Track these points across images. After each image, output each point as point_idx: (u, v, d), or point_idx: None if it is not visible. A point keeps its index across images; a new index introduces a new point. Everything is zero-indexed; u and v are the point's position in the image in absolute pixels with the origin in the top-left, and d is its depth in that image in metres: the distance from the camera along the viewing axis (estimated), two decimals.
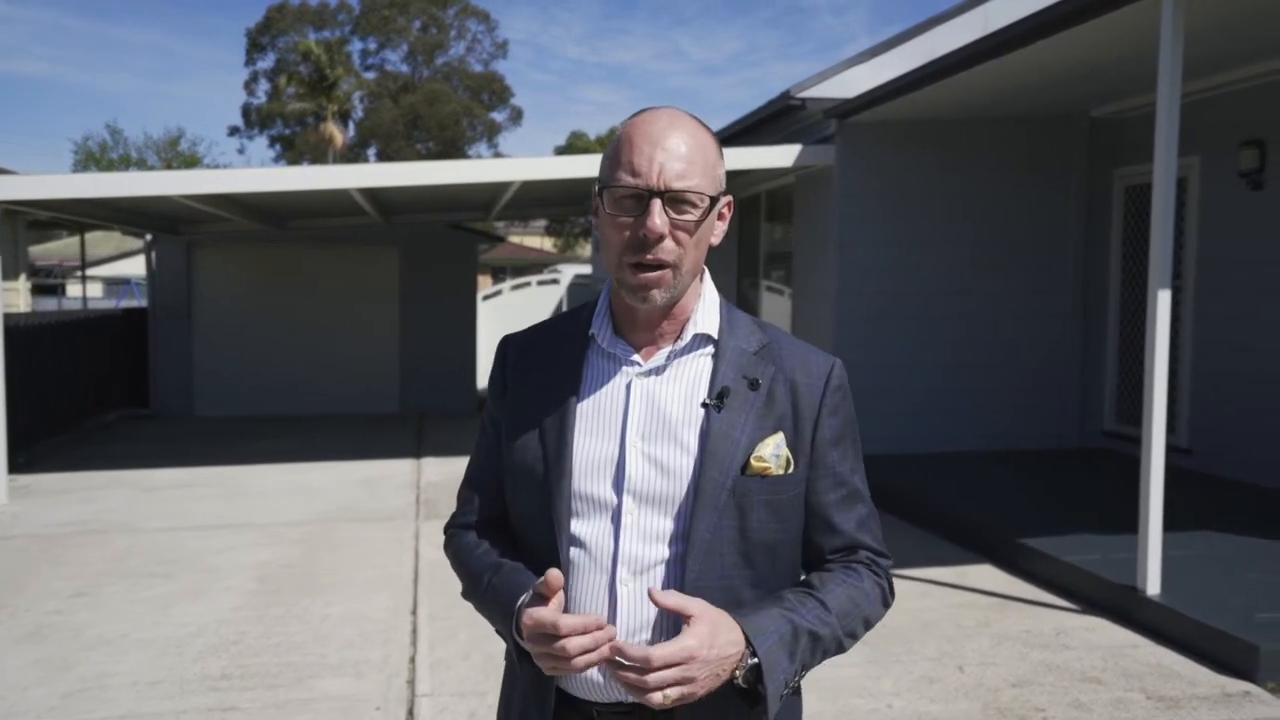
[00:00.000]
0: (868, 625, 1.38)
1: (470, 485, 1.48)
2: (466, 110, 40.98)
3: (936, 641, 4.37)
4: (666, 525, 1.30)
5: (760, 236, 10.15)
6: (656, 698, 1.18)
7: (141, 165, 39.19)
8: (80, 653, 4.28)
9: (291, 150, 40.81)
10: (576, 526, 1.31)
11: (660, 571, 1.30)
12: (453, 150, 39.36)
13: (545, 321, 1.49)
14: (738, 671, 1.23)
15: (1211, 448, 7.10)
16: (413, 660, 4.22)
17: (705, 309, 1.37)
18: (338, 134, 38.67)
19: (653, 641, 1.28)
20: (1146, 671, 4.03)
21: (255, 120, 42.59)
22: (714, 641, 1.20)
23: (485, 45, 43.93)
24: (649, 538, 1.30)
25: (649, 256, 1.26)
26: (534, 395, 1.38)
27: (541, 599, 1.24)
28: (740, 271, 10.61)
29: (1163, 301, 4.51)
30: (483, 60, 43.26)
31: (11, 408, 8.24)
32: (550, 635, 1.20)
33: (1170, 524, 4.93)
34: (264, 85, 42.20)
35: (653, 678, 1.17)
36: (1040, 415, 8.40)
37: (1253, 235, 6.79)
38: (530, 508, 1.35)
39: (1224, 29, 5.61)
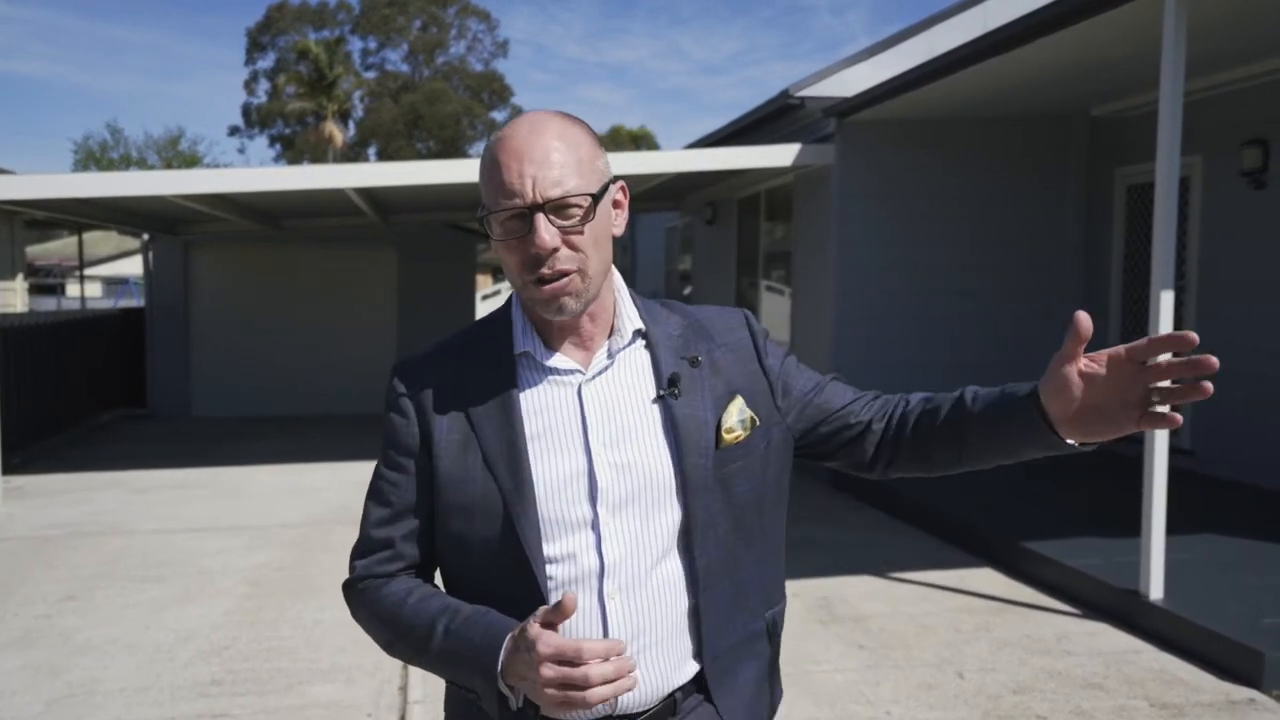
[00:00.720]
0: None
1: (382, 533, 1.32)
2: (466, 110, 40.94)
3: (936, 647, 4.31)
4: (652, 525, 1.26)
5: (760, 236, 10.09)
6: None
7: (142, 165, 39.16)
8: (69, 658, 4.23)
9: (292, 150, 40.78)
10: (550, 550, 1.24)
11: (655, 572, 1.26)
12: (453, 150, 39.32)
13: (442, 343, 1.37)
14: None
15: (1214, 449, 7.04)
16: (405, 666, 4.17)
17: (625, 303, 1.34)
18: (338, 133, 38.62)
19: (644, 637, 1.26)
20: (1149, 678, 3.97)
21: (255, 120, 42.59)
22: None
23: (486, 44, 43.92)
24: (634, 543, 1.25)
25: (546, 270, 1.21)
26: (464, 423, 1.29)
27: (551, 627, 1.14)
28: (740, 271, 10.55)
29: (1166, 302, 4.45)
30: (483, 59, 43.25)
31: (7, 408, 8.20)
32: (569, 663, 1.11)
33: (1173, 527, 4.88)
34: (264, 85, 42.21)
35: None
36: None
37: (1255, 235, 6.73)
38: (488, 545, 1.25)
39: (1226, 27, 5.55)
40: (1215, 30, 5.49)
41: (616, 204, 1.30)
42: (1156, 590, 4.47)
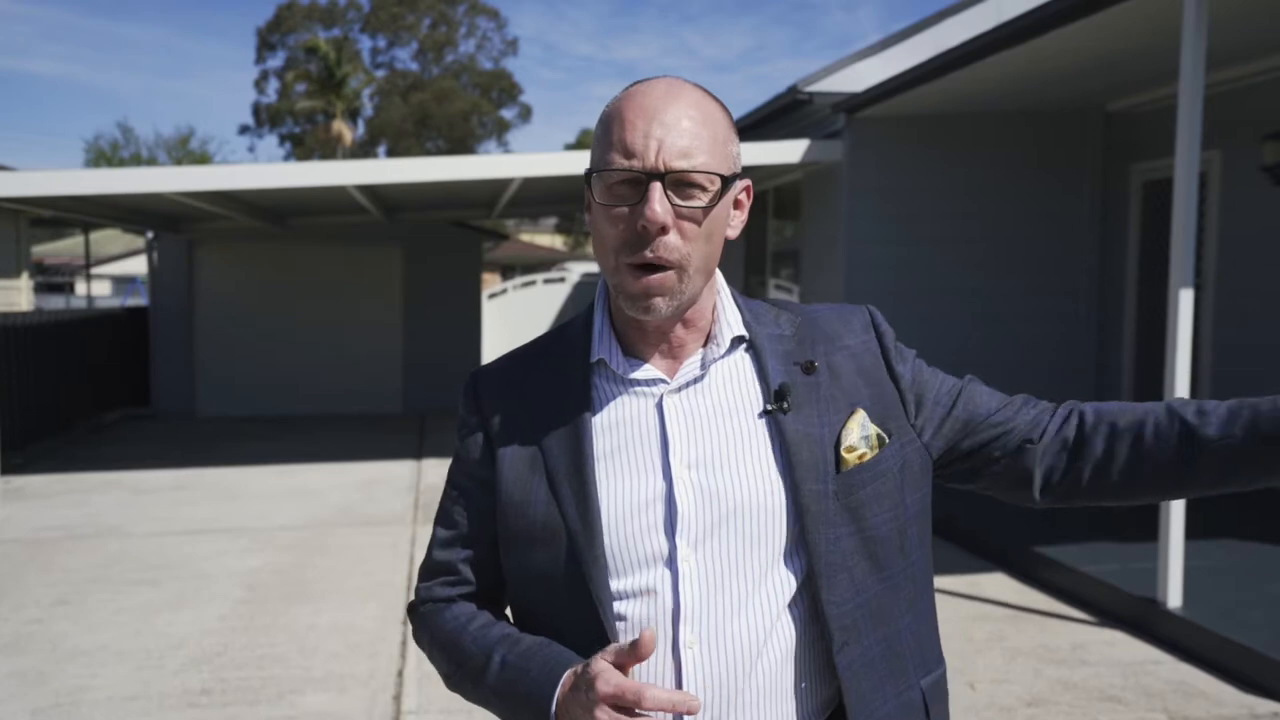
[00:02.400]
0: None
1: (445, 555, 1.20)
2: (475, 108, 40.91)
3: (948, 657, 4.16)
4: (753, 564, 1.07)
5: (768, 234, 9.96)
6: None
7: (152, 164, 39.27)
8: (57, 665, 4.14)
9: (301, 148, 40.80)
10: (618, 587, 1.07)
11: (751, 621, 1.06)
12: (462, 148, 39.28)
13: (520, 350, 1.24)
14: None
15: None
16: (400, 674, 4.06)
17: (727, 307, 1.17)
18: (347, 132, 38.61)
19: (745, 703, 1.06)
20: (1169, 690, 3.83)
21: (265, 119, 42.63)
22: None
23: (495, 43, 43.85)
24: (720, 584, 1.06)
25: (649, 254, 1.04)
26: (533, 438, 1.14)
27: (621, 668, 1.00)
28: (747, 269, 10.42)
29: (1185, 301, 4.31)
30: (492, 58, 43.18)
31: (9, 408, 8.14)
32: (627, 710, 0.97)
33: (1192, 532, 4.73)
34: (274, 83, 42.23)
35: None
36: None
37: (1276, 232, 6.56)
38: (550, 577, 1.10)
39: (1247, 18, 5.39)
40: (1236, 21, 5.33)
41: (738, 203, 1.14)
42: (1175, 598, 4.33)
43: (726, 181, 1.08)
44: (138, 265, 26.41)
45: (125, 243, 27.25)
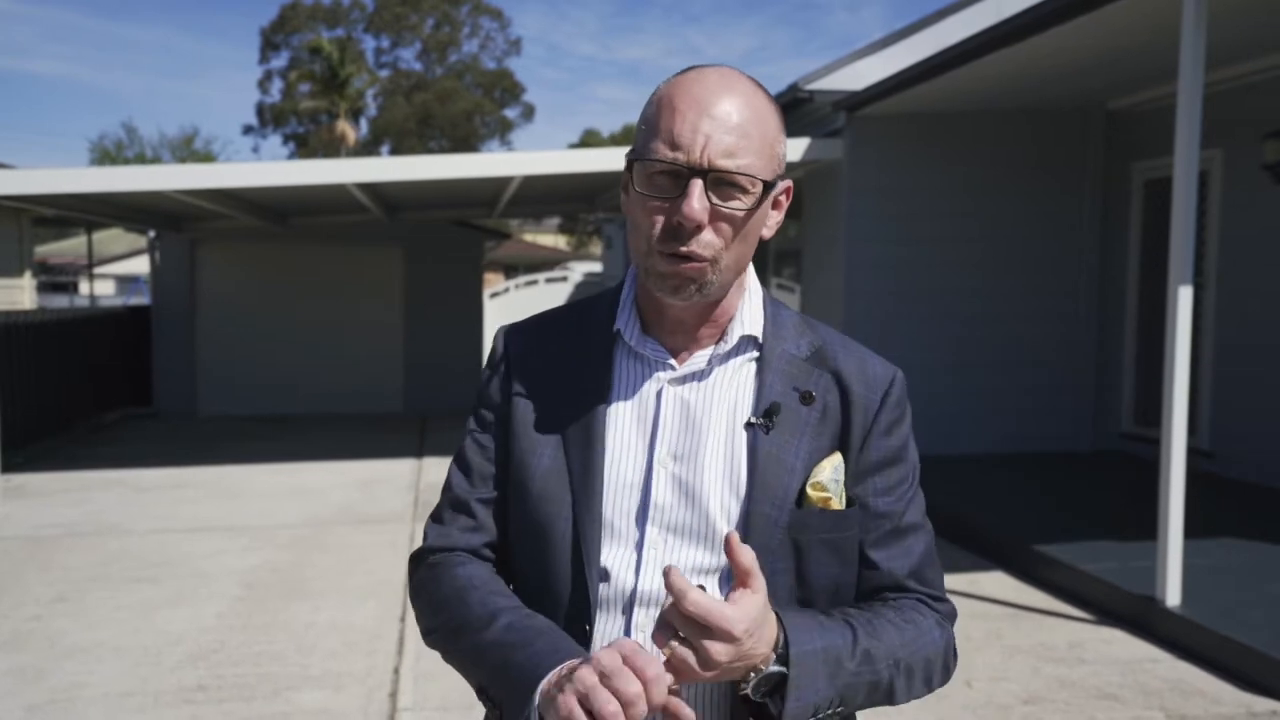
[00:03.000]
0: (928, 676, 1.11)
1: (460, 494, 1.18)
2: (478, 108, 40.93)
3: None
4: (701, 564, 1.08)
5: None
6: (660, 639, 0.94)
7: (156, 164, 39.34)
8: (55, 662, 4.14)
9: (305, 148, 40.84)
10: (606, 555, 1.09)
11: None
12: (465, 148, 39.28)
13: (552, 311, 1.25)
14: (752, 674, 0.98)
15: (1234, 451, 6.86)
16: (397, 671, 4.06)
17: (750, 308, 1.15)
18: (350, 132, 38.65)
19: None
20: (1166, 688, 3.82)
21: (269, 118, 42.69)
22: (757, 622, 0.95)
23: (498, 43, 43.90)
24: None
25: (682, 249, 1.03)
26: (550, 397, 1.15)
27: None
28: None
29: (1184, 298, 4.30)
30: (495, 58, 43.21)
31: (10, 407, 8.15)
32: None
33: (1191, 531, 4.72)
34: (278, 83, 42.29)
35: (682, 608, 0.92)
36: (1054, 418, 8.17)
37: (1277, 231, 6.54)
38: (543, 533, 1.11)
39: (1247, 15, 5.38)
40: (1236, 19, 5.32)
41: (777, 204, 1.13)
42: (1174, 596, 4.32)
43: (769, 185, 1.06)
44: (141, 265, 26.46)
45: (129, 242, 27.29)
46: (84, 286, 26.35)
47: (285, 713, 3.67)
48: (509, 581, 1.17)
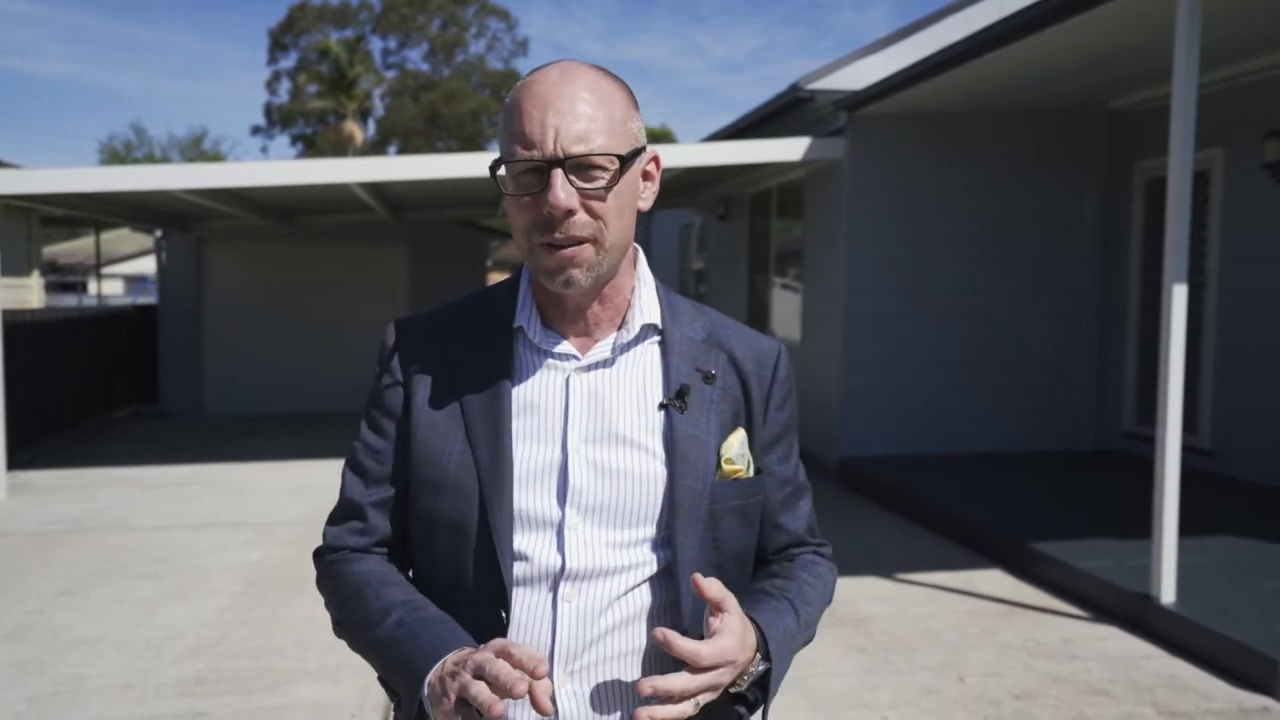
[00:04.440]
0: (820, 615, 1.29)
1: (356, 499, 1.23)
2: (484, 108, 41.01)
3: (939, 650, 4.19)
4: (626, 539, 1.14)
5: (771, 233, 9.97)
6: (688, 708, 1.03)
7: (163, 164, 39.50)
8: (56, 654, 4.19)
9: (313, 149, 40.98)
10: (520, 543, 1.14)
11: (620, 590, 1.14)
12: (472, 148, 39.36)
13: (445, 306, 1.28)
14: (744, 676, 1.10)
15: (1233, 450, 6.85)
16: None
17: (646, 296, 1.20)
18: (358, 132, 38.77)
19: (592, 661, 1.13)
20: (1158, 684, 3.83)
21: (277, 119, 42.83)
22: (745, 641, 1.08)
23: (505, 43, 43.96)
24: (598, 553, 1.14)
25: (559, 235, 1.08)
26: (452, 393, 1.18)
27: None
28: (751, 268, 10.43)
29: (1179, 296, 4.31)
30: (502, 58, 43.27)
31: (18, 405, 8.22)
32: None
33: (1188, 529, 4.73)
34: (286, 84, 42.43)
35: (695, 681, 1.03)
36: (1055, 417, 8.17)
37: (1278, 230, 6.54)
38: (456, 527, 1.15)
39: (1245, 14, 5.38)
40: (1234, 18, 5.32)
41: (647, 175, 1.18)
42: (1168, 594, 4.33)
43: (626, 159, 1.11)
44: (148, 265, 26.60)
45: (137, 242, 27.42)
46: (92, 286, 26.50)
47: (283, 705, 3.71)
48: (410, 570, 1.23)
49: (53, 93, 68.98)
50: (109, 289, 25.65)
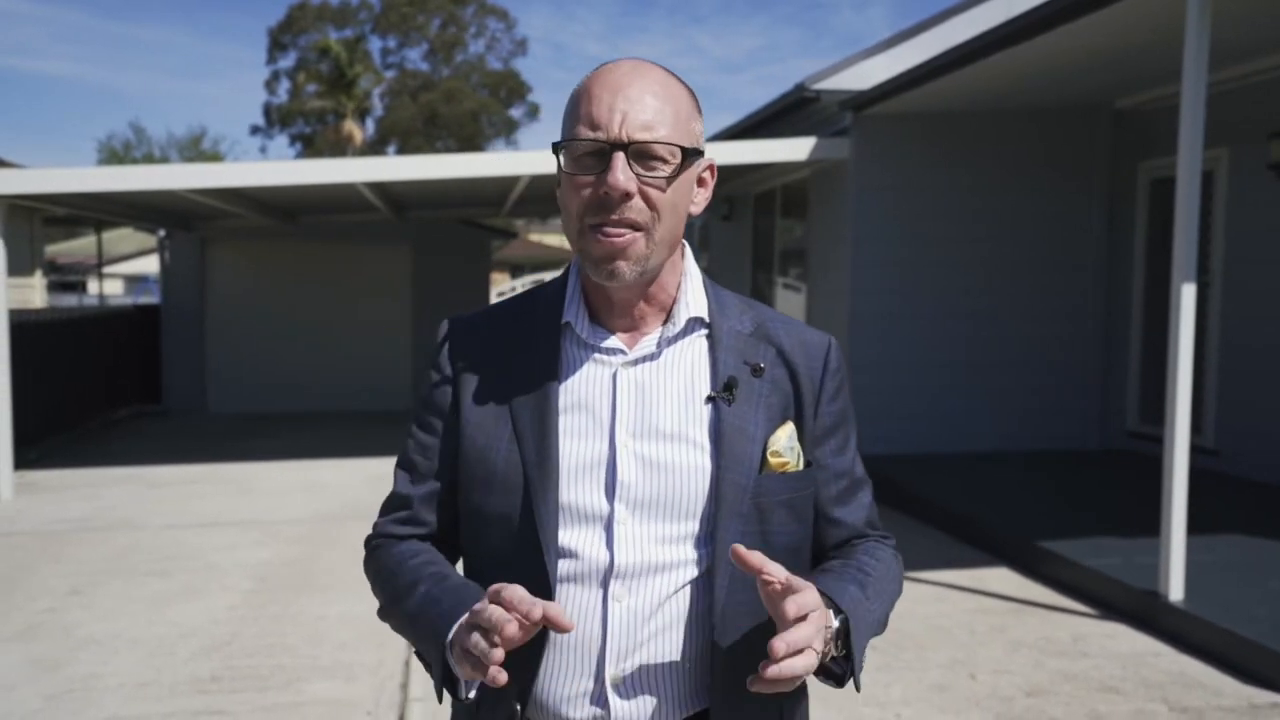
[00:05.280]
0: (897, 595, 1.26)
1: (405, 493, 1.26)
2: (484, 108, 41.01)
3: (949, 648, 4.21)
4: (673, 534, 1.15)
5: (775, 233, 9.99)
6: (812, 659, 1.03)
7: (165, 164, 39.48)
8: (70, 652, 4.20)
9: (312, 149, 40.96)
10: (564, 537, 1.15)
11: (669, 587, 1.14)
12: (471, 148, 39.34)
13: (498, 305, 1.30)
14: (827, 632, 1.07)
15: (1238, 448, 6.88)
16: (407, 663, 4.11)
17: (692, 289, 1.21)
18: (357, 132, 38.77)
19: (643, 662, 1.14)
20: (1168, 681, 3.86)
21: (276, 119, 42.80)
22: (820, 601, 1.06)
23: (504, 43, 43.98)
24: (647, 549, 1.14)
25: (613, 217, 1.09)
26: (500, 390, 1.20)
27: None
28: (755, 268, 10.45)
29: (1187, 295, 4.33)
30: (501, 58, 43.27)
31: (23, 404, 8.23)
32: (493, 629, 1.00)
33: (1195, 527, 4.75)
34: (285, 84, 42.40)
35: (787, 666, 1.01)
36: (1061, 416, 8.19)
37: None
38: (504, 522, 1.17)
39: (1253, 14, 5.40)
40: (1241, 18, 5.34)
41: (701, 181, 1.19)
42: (1177, 591, 4.35)
43: (688, 154, 1.12)
44: (149, 264, 26.59)
45: (138, 242, 27.41)
46: (93, 286, 26.48)
47: (298, 703, 3.72)
48: (460, 561, 1.25)
49: (51, 92, 68.90)
50: (109, 289, 25.63)
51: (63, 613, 4.71)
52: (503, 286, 17.47)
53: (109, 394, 11.23)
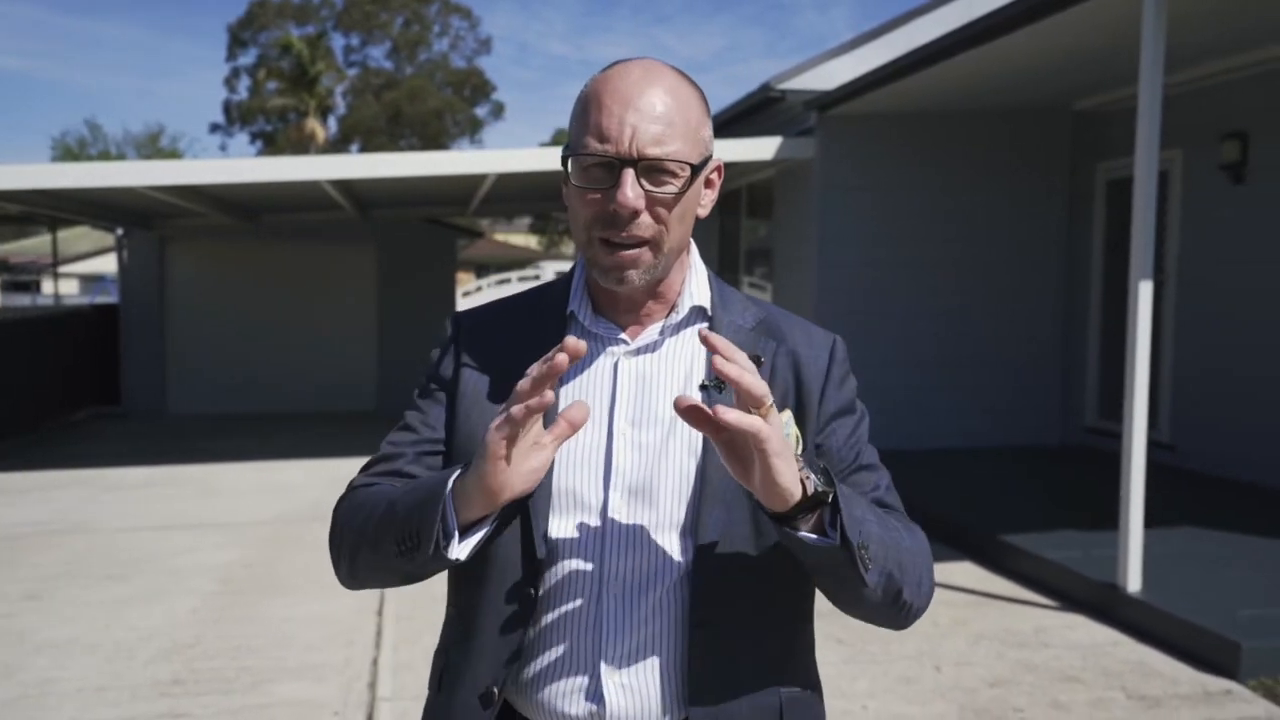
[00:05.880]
0: (918, 579, 1.15)
1: (392, 447, 1.24)
2: (448, 106, 40.76)
3: (914, 640, 4.26)
4: (660, 519, 1.15)
5: (741, 232, 10.04)
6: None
7: (122, 161, 38.75)
8: (25, 657, 4.12)
9: (273, 147, 40.45)
10: (555, 524, 1.15)
11: (653, 573, 1.14)
12: (435, 146, 39.09)
13: (506, 298, 1.30)
14: (808, 477, 1.02)
15: (1192, 443, 7.03)
16: (375, 663, 4.08)
17: (696, 282, 1.22)
18: (320, 130, 38.34)
19: (639, 649, 1.13)
20: (1127, 670, 3.94)
21: (237, 117, 42.23)
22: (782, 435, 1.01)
23: (468, 42, 43.76)
24: (641, 536, 1.14)
25: (623, 234, 1.09)
26: (503, 377, 1.18)
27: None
28: (721, 267, 10.49)
29: (1144, 293, 4.42)
30: (465, 57, 43.06)
31: None
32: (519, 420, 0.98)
33: (1152, 520, 4.85)
34: (245, 81, 41.84)
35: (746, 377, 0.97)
36: (1024, 413, 8.32)
37: (1234, 230, 6.72)
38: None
39: (1206, 20, 5.53)
40: (1195, 23, 5.46)
41: (709, 183, 1.19)
42: (1135, 583, 4.44)
43: (696, 168, 1.12)
44: (106, 264, 26.10)
45: (94, 240, 26.90)
46: (48, 286, 25.94)
47: (265, 704, 3.68)
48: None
49: (6, 89, 67.38)
50: (64, 289, 25.12)
51: (18, 617, 4.62)
52: (468, 286, 17.37)
53: (66, 396, 11.01)
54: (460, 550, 1.06)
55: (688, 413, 1.00)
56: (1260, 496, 6.22)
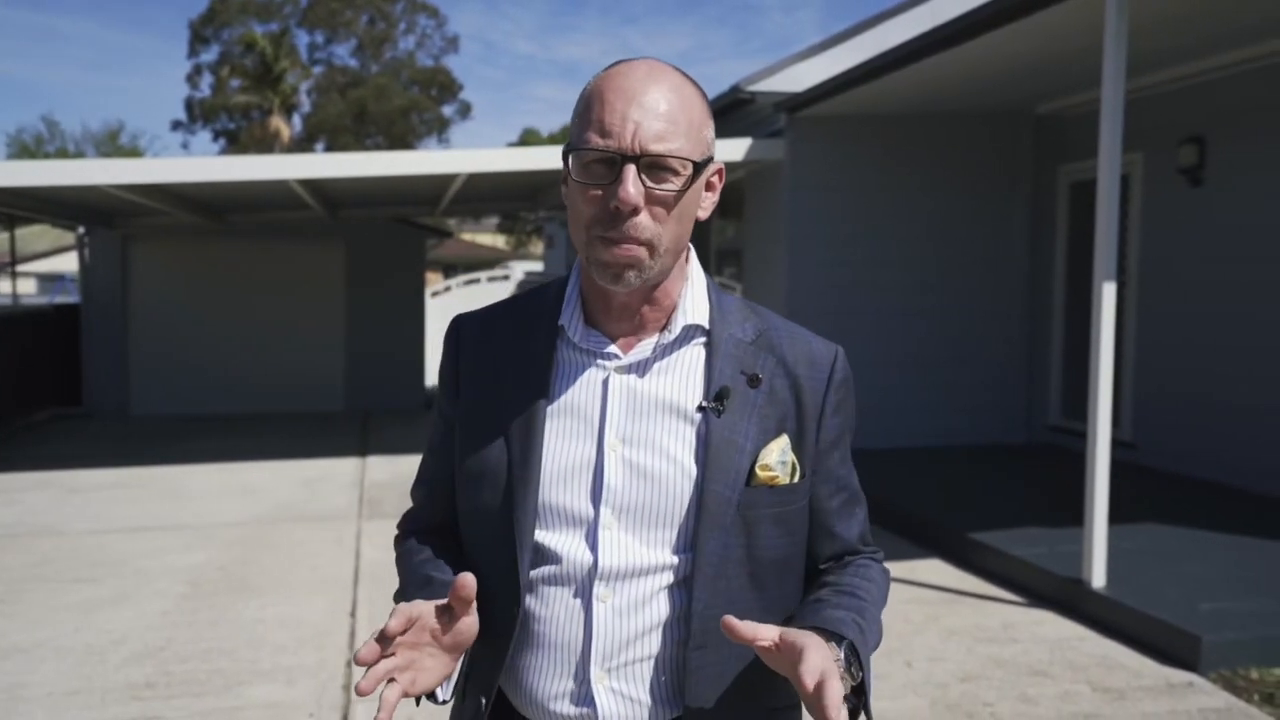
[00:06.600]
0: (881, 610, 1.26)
1: (421, 486, 1.33)
2: (415, 105, 40.50)
3: (887, 637, 4.28)
4: (655, 541, 1.15)
5: (711, 232, 10.09)
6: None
7: (80, 158, 38.06)
8: None
9: (236, 145, 39.95)
10: (542, 539, 1.16)
11: (650, 592, 1.15)
12: (401, 145, 38.83)
13: (504, 302, 1.30)
14: (839, 664, 1.06)
15: (1154, 441, 7.19)
16: (349, 663, 4.07)
17: (694, 294, 1.20)
18: (284, 128, 37.94)
19: (630, 660, 1.16)
20: (1092, 664, 4.03)
21: (199, 114, 41.65)
22: (827, 653, 1.03)
23: (435, 40, 43.54)
24: (632, 554, 1.14)
25: (623, 230, 1.08)
26: (495, 390, 1.21)
27: (449, 611, 1.10)
28: None
29: (1108, 294, 4.52)
30: (432, 55, 42.80)
31: None
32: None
33: (1115, 517, 4.95)
34: (208, 78, 41.28)
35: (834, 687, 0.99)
36: (992, 412, 8.45)
37: (1192, 232, 6.88)
38: (489, 516, 1.18)
39: (1166, 26, 5.66)
40: (1155, 31, 5.59)
41: (710, 186, 1.18)
42: (1099, 579, 4.54)
43: (699, 166, 1.11)
44: (66, 263, 25.65)
45: (53, 239, 26.45)
46: (4, 285, 25.43)
47: (237, 707, 3.66)
48: (469, 560, 1.26)
49: None
50: (21, 288, 24.63)
51: None
52: (437, 286, 17.31)
53: (26, 396, 10.82)
54: (443, 693, 1.15)
55: (731, 630, 1.05)
56: (1219, 493, 6.38)
